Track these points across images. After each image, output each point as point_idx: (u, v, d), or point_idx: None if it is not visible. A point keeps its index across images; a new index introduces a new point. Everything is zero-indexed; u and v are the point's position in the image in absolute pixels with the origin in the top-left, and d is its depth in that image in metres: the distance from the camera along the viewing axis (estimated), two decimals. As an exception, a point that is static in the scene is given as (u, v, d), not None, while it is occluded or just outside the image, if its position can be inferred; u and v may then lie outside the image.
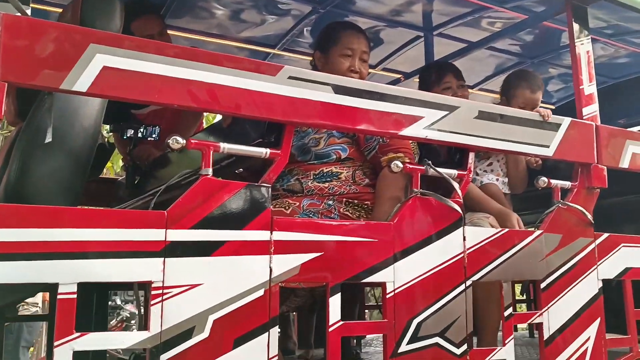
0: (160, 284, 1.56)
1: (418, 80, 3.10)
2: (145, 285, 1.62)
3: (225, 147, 1.73)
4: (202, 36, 3.43)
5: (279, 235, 1.75)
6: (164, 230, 1.59)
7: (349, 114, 1.92)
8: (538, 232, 2.29)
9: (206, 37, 3.45)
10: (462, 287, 2.05)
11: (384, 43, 3.61)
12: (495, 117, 2.22)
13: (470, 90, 3.30)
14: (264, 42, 3.57)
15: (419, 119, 2.02)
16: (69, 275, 1.46)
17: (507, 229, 2.30)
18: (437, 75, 2.88)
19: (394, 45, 3.63)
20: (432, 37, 3.45)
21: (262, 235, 1.72)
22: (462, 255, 2.07)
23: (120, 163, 5.73)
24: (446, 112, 2.08)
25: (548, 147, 2.36)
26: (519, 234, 2.28)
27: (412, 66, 3.72)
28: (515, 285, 3.71)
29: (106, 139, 2.37)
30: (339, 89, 1.90)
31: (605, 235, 2.48)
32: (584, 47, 2.69)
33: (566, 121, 2.43)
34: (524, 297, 4.04)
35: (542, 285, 2.27)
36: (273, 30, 3.46)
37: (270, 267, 1.72)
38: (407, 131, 2.00)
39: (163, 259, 1.58)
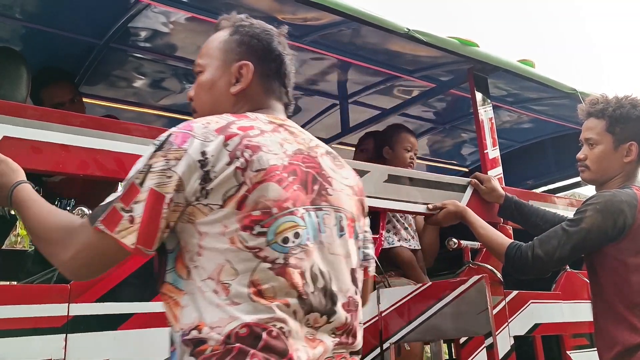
0: (61, 362, 1.49)
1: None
2: (45, 364, 1.54)
3: (133, 216, 1.70)
4: (119, 104, 3.40)
5: (190, 305, 1.71)
6: (67, 304, 1.53)
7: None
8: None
9: (123, 105, 3.42)
10: (378, 350, 2.06)
11: (302, 111, 3.70)
12: (405, 180, 2.31)
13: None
14: (183, 110, 3.58)
15: (330, 184, 2.06)
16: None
17: (425, 284, 2.26)
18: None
19: (312, 113, 3.73)
20: (347, 104, 3.56)
21: (171, 305, 1.68)
22: (376, 318, 2.09)
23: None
24: (357, 177, 2.14)
25: (456, 208, 2.45)
26: (435, 291, 2.23)
27: (329, 133, 3.81)
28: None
29: (6, 210, 2.27)
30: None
31: (515, 292, 2.57)
32: (487, 114, 2.86)
33: (473, 183, 2.55)
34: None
35: (460, 342, 2.31)
36: (192, 98, 3.47)
37: (180, 339, 1.67)
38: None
39: (65, 335, 1.51)
